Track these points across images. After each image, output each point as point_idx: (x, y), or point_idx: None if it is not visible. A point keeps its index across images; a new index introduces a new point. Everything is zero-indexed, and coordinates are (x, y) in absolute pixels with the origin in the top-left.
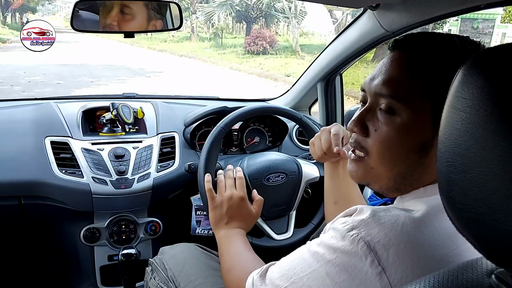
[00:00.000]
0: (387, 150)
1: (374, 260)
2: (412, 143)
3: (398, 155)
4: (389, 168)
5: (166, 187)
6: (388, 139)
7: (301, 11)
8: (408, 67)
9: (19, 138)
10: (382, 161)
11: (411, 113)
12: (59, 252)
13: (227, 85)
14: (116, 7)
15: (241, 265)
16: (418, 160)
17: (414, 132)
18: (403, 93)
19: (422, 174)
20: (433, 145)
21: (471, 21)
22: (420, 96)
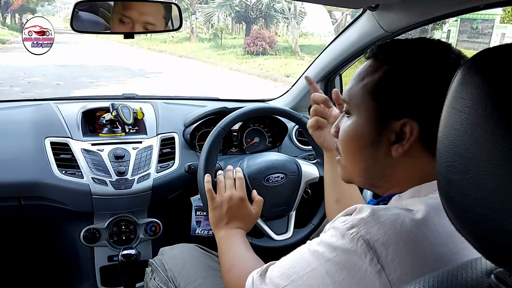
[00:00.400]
0: (345, 147)
1: (374, 258)
2: (361, 140)
3: (355, 151)
4: (353, 165)
5: (166, 187)
6: (345, 138)
7: (301, 12)
8: (361, 72)
9: (19, 139)
10: (346, 159)
11: (358, 113)
12: (59, 252)
13: (226, 85)
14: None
15: (241, 265)
16: (372, 155)
17: (361, 129)
18: (353, 96)
19: (384, 168)
20: (381, 141)
21: (470, 21)
22: (366, 97)
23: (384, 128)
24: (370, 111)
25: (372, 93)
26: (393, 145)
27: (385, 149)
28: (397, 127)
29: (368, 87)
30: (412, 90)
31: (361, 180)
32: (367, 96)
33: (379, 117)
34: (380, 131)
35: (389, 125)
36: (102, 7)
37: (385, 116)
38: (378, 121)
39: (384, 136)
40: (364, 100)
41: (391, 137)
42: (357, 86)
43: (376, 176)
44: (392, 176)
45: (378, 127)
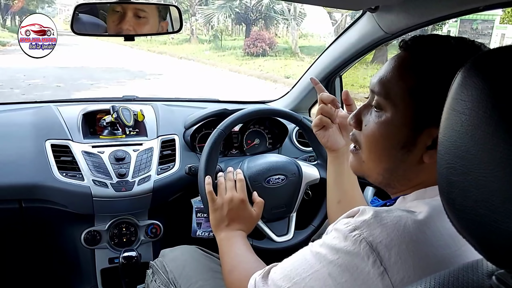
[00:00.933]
0: (372, 145)
1: (376, 261)
2: (393, 140)
3: (382, 151)
4: (376, 163)
5: (166, 189)
6: (373, 135)
7: (301, 13)
8: (400, 67)
9: (20, 141)
10: (369, 156)
11: (395, 112)
12: (59, 255)
13: (226, 87)
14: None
15: (242, 266)
16: (401, 158)
17: (396, 130)
18: (390, 91)
19: (407, 172)
20: (416, 145)
21: (470, 22)
22: (406, 96)
23: (421, 132)
24: (409, 111)
25: (413, 93)
26: (427, 150)
27: (417, 154)
28: (435, 134)
29: (409, 85)
30: None
31: (378, 179)
32: (407, 95)
33: (419, 121)
34: (416, 134)
35: (427, 130)
36: (103, 10)
37: (425, 120)
38: (417, 124)
39: (420, 140)
40: (404, 98)
41: (427, 142)
42: (396, 81)
43: (396, 178)
44: (412, 180)
45: (415, 130)
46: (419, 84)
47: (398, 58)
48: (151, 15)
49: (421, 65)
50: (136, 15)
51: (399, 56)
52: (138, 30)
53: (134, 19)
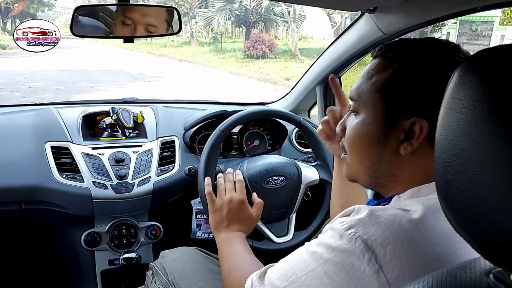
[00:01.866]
0: (352, 146)
1: (372, 258)
2: (368, 138)
3: (361, 150)
4: (359, 163)
5: (166, 191)
6: (351, 136)
7: (300, 15)
8: (369, 71)
9: (20, 143)
10: (352, 157)
11: (367, 111)
12: (60, 256)
13: (226, 89)
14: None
15: (241, 267)
16: (378, 153)
17: (369, 127)
18: (361, 94)
19: (390, 167)
20: (389, 138)
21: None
22: (375, 95)
23: (393, 127)
24: (379, 109)
25: (381, 91)
26: (401, 143)
27: (392, 148)
28: (406, 126)
29: (377, 85)
30: (422, 88)
31: (366, 179)
32: (376, 94)
33: (388, 116)
34: (389, 129)
35: (398, 123)
36: (102, 12)
37: (394, 114)
38: (387, 119)
39: (393, 134)
40: (373, 98)
41: (400, 136)
42: (365, 84)
43: (381, 175)
44: (397, 175)
45: (387, 125)
46: (387, 82)
47: (370, 64)
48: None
49: (388, 65)
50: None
51: (371, 63)
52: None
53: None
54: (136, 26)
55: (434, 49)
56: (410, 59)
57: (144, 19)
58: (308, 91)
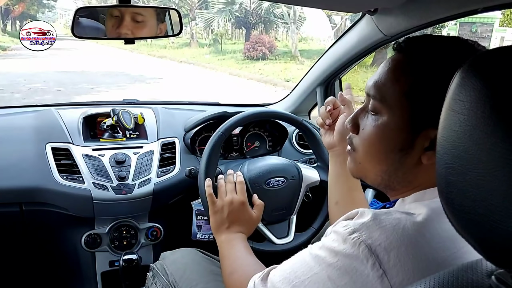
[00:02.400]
0: (369, 148)
1: (375, 263)
2: (391, 144)
3: (379, 154)
4: (373, 165)
5: (166, 192)
6: (370, 138)
7: (300, 17)
8: (394, 69)
9: (20, 144)
10: (366, 158)
11: (391, 115)
12: (60, 258)
13: (227, 90)
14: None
15: (242, 269)
16: (399, 160)
17: (392, 133)
18: (385, 95)
19: (407, 174)
20: (413, 147)
21: (469, 25)
22: (402, 99)
23: (418, 135)
24: (405, 114)
25: (408, 95)
26: (425, 152)
27: (415, 156)
28: (433, 135)
29: (405, 88)
30: None
31: (377, 180)
32: (403, 98)
33: (416, 123)
34: (414, 137)
35: (425, 131)
36: (102, 13)
37: (421, 122)
38: (414, 126)
39: (418, 143)
40: (399, 101)
41: (425, 144)
42: (391, 84)
43: (395, 180)
44: (412, 182)
45: (412, 133)
46: (415, 86)
47: (392, 60)
48: (149, 19)
49: (416, 67)
50: (133, 19)
51: (393, 59)
52: (137, 34)
53: (132, 23)
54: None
55: (462, 51)
56: (440, 61)
57: (145, 20)
58: (309, 92)
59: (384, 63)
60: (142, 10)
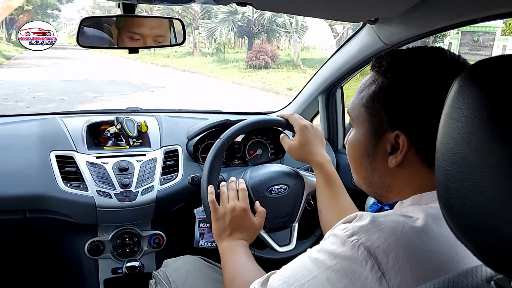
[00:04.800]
0: (349, 158)
1: (374, 265)
2: (360, 151)
3: (355, 162)
4: (355, 173)
5: (169, 199)
6: (348, 149)
7: (302, 26)
8: (360, 86)
9: (25, 152)
10: (351, 168)
11: (356, 125)
12: (63, 265)
13: (229, 99)
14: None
15: (243, 275)
16: (369, 166)
17: (358, 142)
18: (353, 109)
19: (383, 178)
20: (377, 152)
21: (471, 34)
22: (362, 110)
23: (379, 140)
24: (365, 123)
25: (366, 105)
26: (389, 155)
27: (381, 160)
28: (391, 139)
29: (364, 99)
30: (404, 102)
31: (366, 188)
32: (363, 108)
33: (374, 129)
34: (376, 142)
35: (383, 136)
36: (107, 23)
37: (379, 128)
38: (373, 133)
39: (380, 147)
40: (360, 112)
41: (387, 148)
42: (356, 99)
43: (377, 186)
44: (391, 186)
45: (374, 139)
46: (371, 96)
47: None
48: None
49: (376, 79)
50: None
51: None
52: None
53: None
54: (141, 37)
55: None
56: (396, 72)
57: (148, 30)
58: (311, 100)
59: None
60: (146, 20)
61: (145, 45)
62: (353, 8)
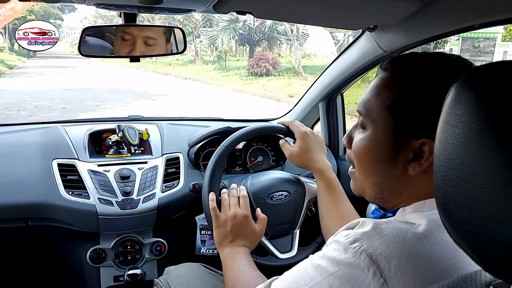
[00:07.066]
0: (360, 160)
1: (376, 272)
2: (377, 155)
3: (369, 165)
4: (366, 178)
5: (171, 207)
6: (359, 151)
7: (303, 33)
8: (379, 86)
9: (27, 161)
10: (360, 172)
11: (375, 128)
12: (65, 273)
13: (231, 106)
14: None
15: (245, 281)
16: (387, 172)
17: (377, 145)
18: (369, 110)
19: (398, 185)
20: (398, 158)
21: (472, 40)
22: (384, 113)
23: (402, 146)
24: (388, 127)
25: (390, 109)
26: (410, 163)
27: (401, 166)
28: (415, 146)
29: (386, 102)
30: (430, 108)
31: (372, 194)
32: (386, 112)
33: (398, 135)
34: (398, 148)
35: (407, 143)
36: (109, 32)
37: (404, 134)
38: (396, 138)
39: (402, 154)
40: (381, 115)
41: (409, 155)
42: (374, 100)
43: (387, 192)
44: (403, 192)
45: (396, 145)
46: (397, 100)
47: (378, 78)
48: (160, 40)
49: (398, 82)
50: (146, 43)
51: (379, 77)
52: (135, 49)
53: (144, 46)
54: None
55: (443, 65)
56: (419, 76)
57: (149, 39)
58: (311, 107)
59: (372, 82)
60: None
61: (147, 54)
62: (352, 15)
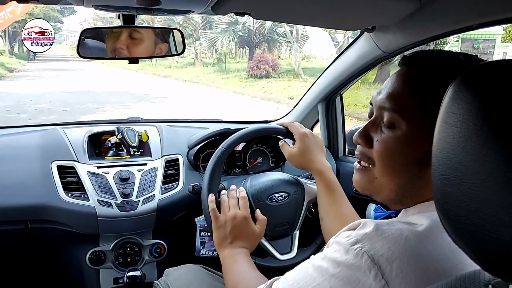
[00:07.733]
0: (387, 160)
1: (378, 274)
2: (410, 156)
3: (398, 167)
4: (390, 179)
5: (170, 208)
6: (389, 151)
7: (303, 35)
8: (410, 82)
9: (26, 163)
10: (384, 172)
11: (410, 127)
12: (65, 275)
13: (231, 108)
14: (124, 32)
15: (245, 283)
16: (417, 174)
17: (412, 145)
18: (403, 107)
19: (423, 188)
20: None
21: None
22: (420, 111)
23: None
24: (425, 127)
25: (429, 108)
26: None
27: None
28: None
29: (423, 101)
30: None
31: (390, 195)
32: (422, 110)
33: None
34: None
35: None
36: (107, 34)
37: None
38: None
39: None
40: (418, 114)
41: None
42: (408, 96)
43: (409, 194)
44: (424, 195)
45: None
46: (433, 99)
47: (405, 73)
48: (147, 37)
49: (432, 80)
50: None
51: (406, 72)
52: (134, 50)
53: (143, 48)
54: (141, 47)
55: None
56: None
57: (148, 40)
58: (311, 108)
59: (396, 77)
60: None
61: (146, 56)
62: (350, 16)
